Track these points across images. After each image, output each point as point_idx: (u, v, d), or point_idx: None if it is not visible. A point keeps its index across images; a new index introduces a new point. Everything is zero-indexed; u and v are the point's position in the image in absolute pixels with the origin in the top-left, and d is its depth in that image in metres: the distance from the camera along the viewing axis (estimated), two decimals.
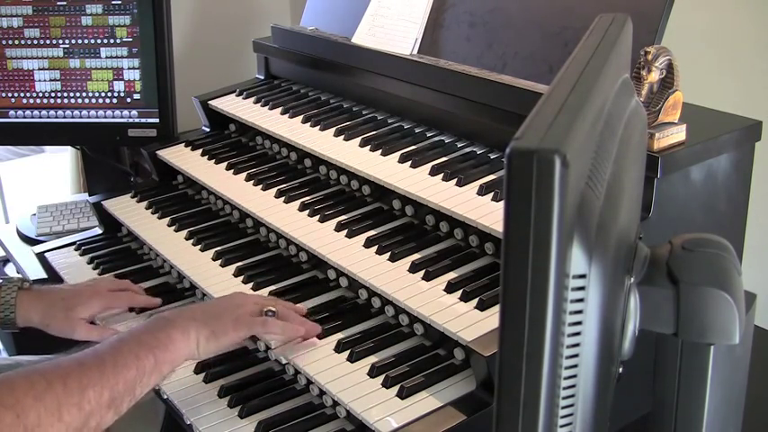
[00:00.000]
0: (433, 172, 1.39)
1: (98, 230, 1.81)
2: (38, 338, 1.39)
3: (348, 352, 1.21)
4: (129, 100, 1.91)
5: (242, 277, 1.43)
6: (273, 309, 1.21)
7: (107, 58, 1.90)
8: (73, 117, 1.94)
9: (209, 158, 1.77)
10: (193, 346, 1.12)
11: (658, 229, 1.17)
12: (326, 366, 1.19)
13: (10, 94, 1.93)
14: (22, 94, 1.93)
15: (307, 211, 1.47)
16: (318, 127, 1.65)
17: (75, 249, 1.74)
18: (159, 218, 1.69)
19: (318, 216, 1.44)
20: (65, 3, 1.88)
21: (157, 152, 1.84)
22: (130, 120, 1.92)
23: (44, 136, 2.02)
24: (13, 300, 1.33)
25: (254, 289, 1.39)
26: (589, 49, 0.74)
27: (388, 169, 1.44)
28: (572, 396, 0.59)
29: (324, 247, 1.36)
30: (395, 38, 1.65)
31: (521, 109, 1.30)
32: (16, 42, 1.91)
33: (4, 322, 1.33)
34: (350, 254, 1.33)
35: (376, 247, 1.33)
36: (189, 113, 1.96)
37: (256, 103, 1.85)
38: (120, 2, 1.87)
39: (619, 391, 0.81)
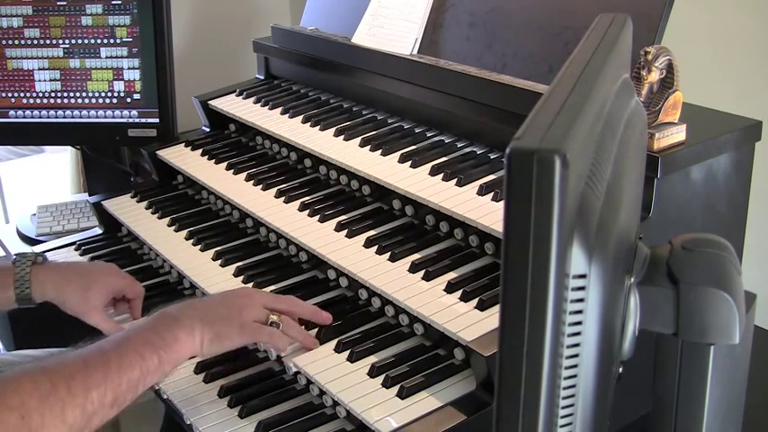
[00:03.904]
0: (433, 172, 1.39)
1: (98, 230, 1.81)
2: (37, 332, 1.39)
3: (348, 352, 1.21)
4: (129, 100, 1.91)
5: (242, 277, 1.43)
6: (278, 322, 1.20)
7: (107, 58, 1.90)
8: (73, 117, 1.93)
9: (209, 158, 1.77)
10: (197, 346, 1.13)
11: (658, 229, 1.17)
12: (326, 366, 1.19)
13: (10, 94, 1.93)
14: (22, 94, 1.93)
15: (307, 211, 1.47)
16: (318, 127, 1.65)
17: (76, 249, 1.73)
18: (159, 218, 1.69)
19: (318, 216, 1.44)
20: (65, 3, 1.88)
21: (157, 152, 1.84)
22: (130, 120, 1.92)
23: (44, 136, 2.01)
24: (27, 275, 1.31)
25: None
26: (589, 49, 0.74)
27: (388, 169, 1.44)
28: (572, 396, 0.59)
29: (324, 247, 1.36)
30: (395, 38, 1.65)
31: (521, 109, 1.29)
32: (16, 42, 1.91)
33: (20, 298, 1.32)
34: (350, 254, 1.33)
35: (376, 247, 1.33)
36: (189, 113, 1.96)
37: (256, 103, 1.85)
38: (120, 2, 1.87)
39: (619, 391, 0.81)
